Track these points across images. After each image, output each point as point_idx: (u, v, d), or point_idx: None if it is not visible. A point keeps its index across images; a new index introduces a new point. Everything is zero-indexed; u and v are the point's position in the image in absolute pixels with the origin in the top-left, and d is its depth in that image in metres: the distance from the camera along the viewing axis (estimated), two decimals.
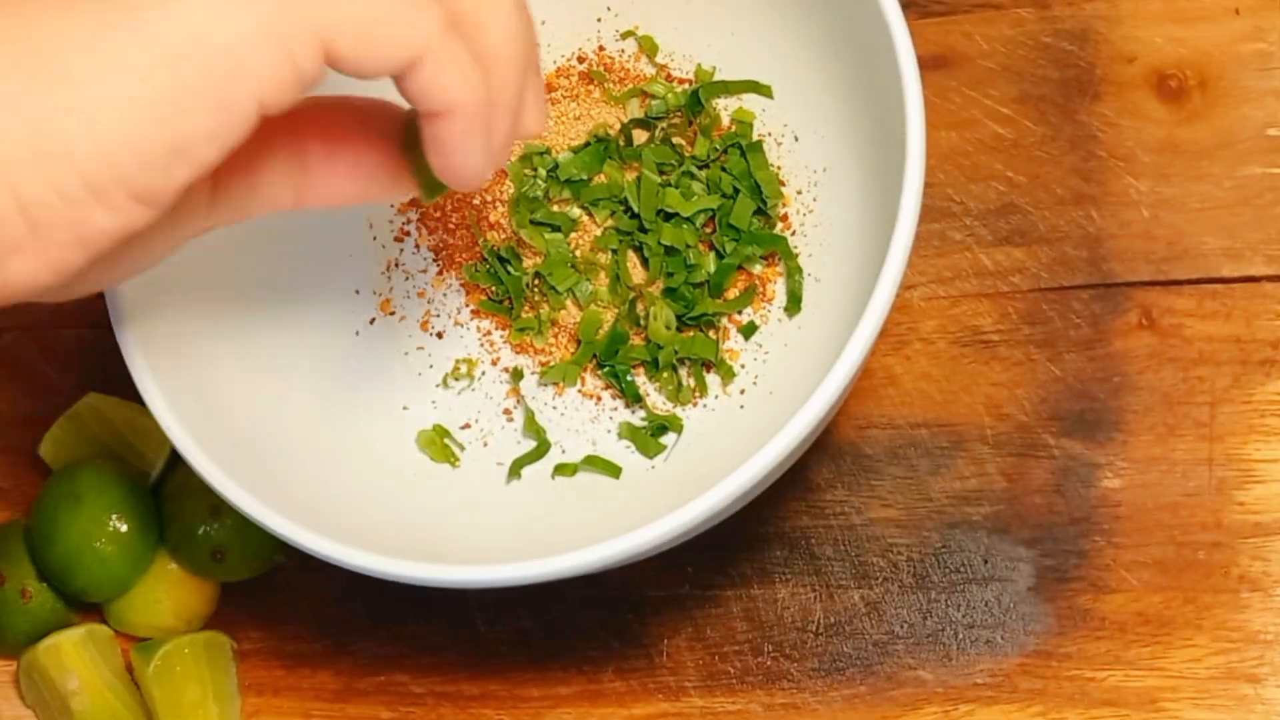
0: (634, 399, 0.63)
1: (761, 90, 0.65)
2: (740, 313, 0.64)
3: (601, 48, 0.68)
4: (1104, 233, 0.64)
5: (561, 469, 0.63)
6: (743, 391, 0.63)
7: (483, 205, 0.67)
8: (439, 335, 0.67)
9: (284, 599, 0.68)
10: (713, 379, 0.63)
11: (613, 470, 0.62)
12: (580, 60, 0.68)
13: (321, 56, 0.39)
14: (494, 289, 0.66)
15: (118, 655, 0.67)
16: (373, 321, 0.67)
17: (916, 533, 0.63)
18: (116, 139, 0.37)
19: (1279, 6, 0.65)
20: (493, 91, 0.43)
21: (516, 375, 0.65)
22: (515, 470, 0.63)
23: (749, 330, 0.64)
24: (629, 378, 0.64)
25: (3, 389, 0.72)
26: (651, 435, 0.63)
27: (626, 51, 0.68)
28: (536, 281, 0.65)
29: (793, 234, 0.64)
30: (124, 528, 0.64)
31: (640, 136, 0.66)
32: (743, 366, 0.64)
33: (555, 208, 0.66)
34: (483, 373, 0.66)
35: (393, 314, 0.67)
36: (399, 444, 0.64)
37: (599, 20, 0.68)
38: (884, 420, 0.64)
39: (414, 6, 0.40)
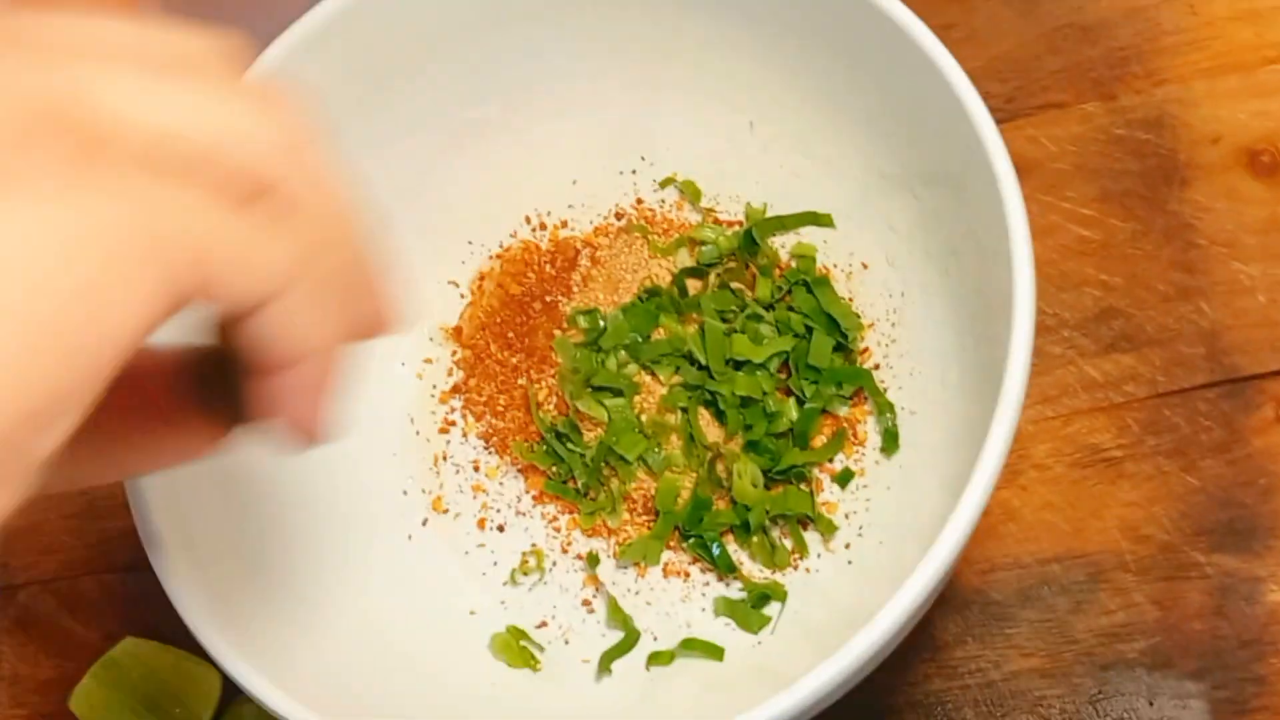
0: (727, 569, 0.59)
1: (821, 220, 0.62)
2: (832, 460, 0.60)
3: (640, 200, 0.65)
4: (1219, 325, 0.60)
5: (656, 658, 0.58)
6: (848, 546, 0.58)
7: (531, 382, 0.63)
8: (500, 528, 0.62)
9: None
10: (812, 536, 0.59)
11: (714, 652, 0.57)
12: (618, 216, 0.65)
13: (198, 283, 0.31)
14: (554, 469, 0.62)
15: None
16: (425, 523, 0.62)
17: (1066, 681, 0.57)
18: None
19: None
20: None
21: (592, 561, 0.60)
22: (605, 665, 0.58)
23: (844, 478, 0.59)
24: (718, 547, 0.59)
25: (23, 651, 0.66)
26: (752, 607, 0.58)
27: (667, 200, 0.65)
28: (602, 455, 0.61)
29: (876, 368, 0.60)
30: None
31: (694, 287, 0.63)
32: (844, 518, 0.59)
33: (613, 371, 0.61)
34: (554, 563, 0.61)
35: (446, 512, 0.63)
36: (470, 653, 0.59)
37: (634, 172, 0.65)
38: (1009, 560, 0.60)
39: (274, 231, 0.32)
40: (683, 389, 0.61)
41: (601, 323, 0.62)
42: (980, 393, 0.51)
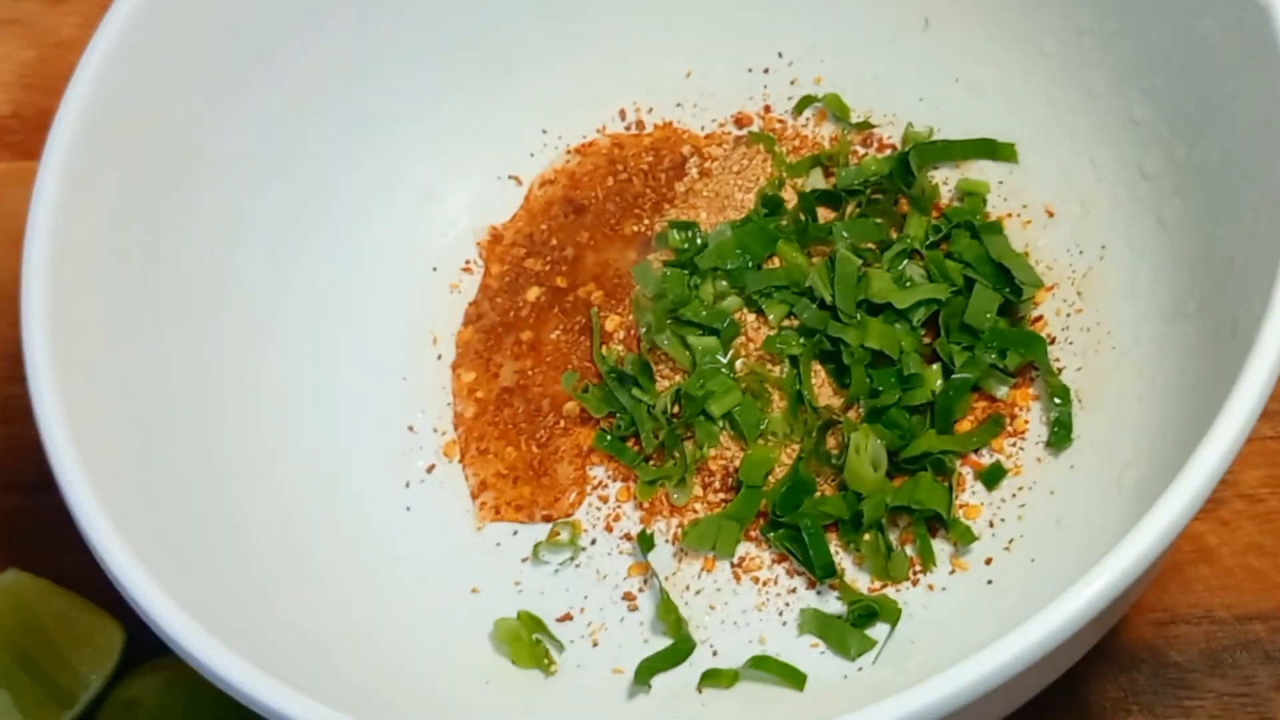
0: (824, 574, 0.49)
1: (1000, 153, 0.53)
2: (979, 451, 0.51)
3: (768, 107, 0.57)
4: None
5: (713, 678, 0.48)
6: (989, 562, 0.49)
7: (600, 304, 0.52)
8: None
9: None
10: (942, 546, 0.50)
11: (793, 678, 0.48)
12: (739, 123, 0.57)
13: None
14: (612, 421, 0.53)
15: None
16: (431, 470, 0.54)
17: None
18: None
19: None
20: None
21: (644, 544, 0.51)
22: (643, 679, 0.49)
23: (993, 476, 0.50)
24: (816, 542, 0.49)
25: None
26: (852, 625, 0.49)
27: (805, 113, 0.56)
28: (676, 408, 0.51)
29: (1052, 342, 0.51)
30: None
31: (826, 218, 0.53)
32: (988, 526, 0.50)
33: (708, 302, 0.52)
34: (593, 541, 0.52)
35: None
36: (464, 640, 0.50)
37: (766, 71, 0.57)
38: (1196, 613, 0.51)
39: None
40: (795, 334, 0.52)
41: (700, 240, 0.51)
42: (1191, 385, 0.44)
